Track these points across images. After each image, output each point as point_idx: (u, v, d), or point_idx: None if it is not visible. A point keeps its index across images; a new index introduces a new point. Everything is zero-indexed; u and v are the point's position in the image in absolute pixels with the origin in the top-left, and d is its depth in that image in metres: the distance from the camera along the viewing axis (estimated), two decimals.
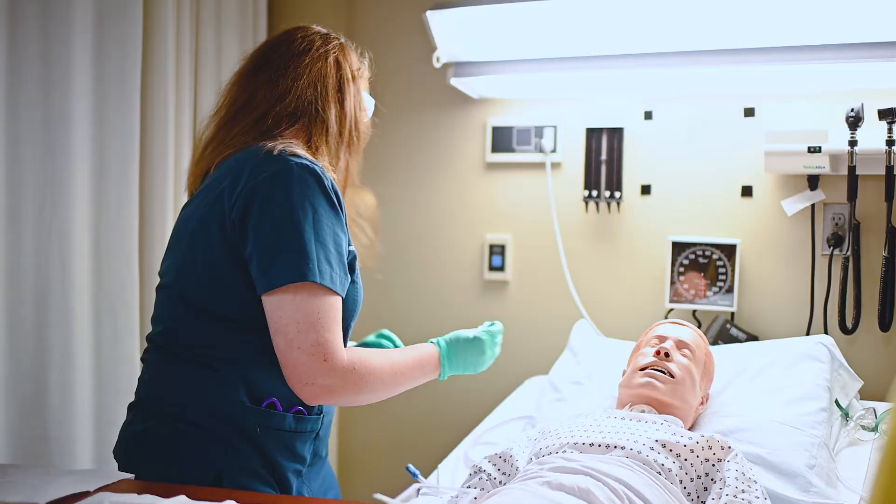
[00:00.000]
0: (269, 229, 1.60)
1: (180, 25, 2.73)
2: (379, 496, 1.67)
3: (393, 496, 2.10)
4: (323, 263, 1.61)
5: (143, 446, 1.72)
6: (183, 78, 2.76)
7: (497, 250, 3.09)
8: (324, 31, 1.90)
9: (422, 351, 1.83)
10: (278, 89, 1.78)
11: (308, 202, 1.62)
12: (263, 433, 1.69)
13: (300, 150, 1.69)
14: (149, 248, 2.64)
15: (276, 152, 1.65)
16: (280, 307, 1.59)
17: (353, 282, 1.75)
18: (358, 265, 1.79)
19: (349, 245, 1.73)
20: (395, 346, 2.09)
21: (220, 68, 2.94)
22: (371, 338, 2.18)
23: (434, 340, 1.88)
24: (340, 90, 1.82)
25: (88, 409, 2.45)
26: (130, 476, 1.69)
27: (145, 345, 1.81)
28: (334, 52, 1.84)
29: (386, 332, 2.19)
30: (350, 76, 1.85)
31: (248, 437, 1.68)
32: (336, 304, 1.63)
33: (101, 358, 2.49)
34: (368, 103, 1.97)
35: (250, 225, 1.62)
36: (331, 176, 1.70)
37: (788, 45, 2.44)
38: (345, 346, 1.74)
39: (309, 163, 1.65)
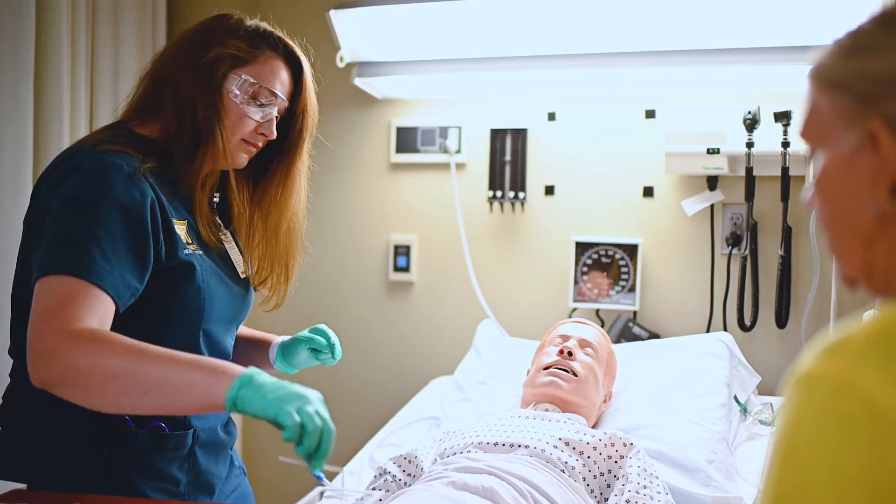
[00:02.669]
0: None
1: (76, 21, 2.64)
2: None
3: (296, 500, 2.08)
4: None
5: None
6: (79, 75, 2.66)
7: (402, 251, 3.07)
8: None
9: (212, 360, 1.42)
10: None
11: None
12: (112, 453, 1.55)
13: None
14: None
15: None
16: None
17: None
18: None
19: None
20: (329, 342, 1.85)
21: (117, 65, 2.85)
22: (304, 333, 1.89)
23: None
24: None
25: None
26: (22, 486, 1.62)
27: None
28: None
29: (321, 326, 1.89)
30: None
31: (95, 454, 1.55)
32: None
33: None
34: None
35: None
36: None
37: (687, 49, 2.49)
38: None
39: None
